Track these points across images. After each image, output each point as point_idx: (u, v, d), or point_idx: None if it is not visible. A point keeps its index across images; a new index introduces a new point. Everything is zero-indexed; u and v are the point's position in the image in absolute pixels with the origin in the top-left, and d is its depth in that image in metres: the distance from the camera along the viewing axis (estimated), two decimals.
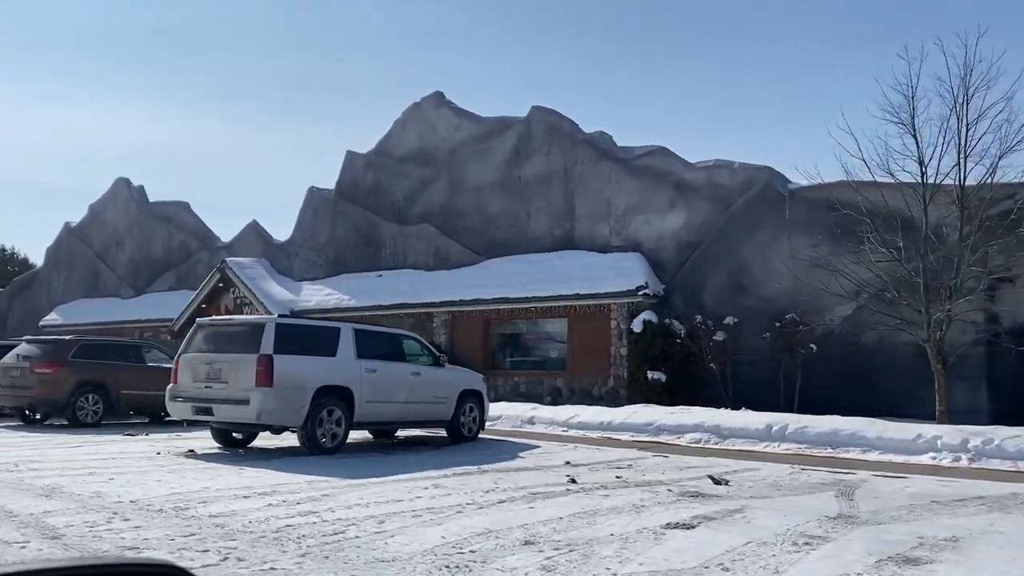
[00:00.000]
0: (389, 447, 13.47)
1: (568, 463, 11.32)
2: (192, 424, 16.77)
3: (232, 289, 28.87)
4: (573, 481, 9.34)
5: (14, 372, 16.12)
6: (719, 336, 18.25)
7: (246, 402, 10.99)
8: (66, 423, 16.17)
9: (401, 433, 14.82)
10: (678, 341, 18.76)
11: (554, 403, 20.91)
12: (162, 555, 5.35)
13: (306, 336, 11.91)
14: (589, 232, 21.77)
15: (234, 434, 12.59)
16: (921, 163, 14.60)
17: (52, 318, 37.20)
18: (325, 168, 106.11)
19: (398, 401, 12.96)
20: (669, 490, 8.88)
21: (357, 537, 6.01)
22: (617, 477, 9.91)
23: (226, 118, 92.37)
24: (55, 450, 11.64)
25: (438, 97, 25.86)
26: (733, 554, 5.80)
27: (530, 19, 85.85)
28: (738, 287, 19.08)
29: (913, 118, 14.58)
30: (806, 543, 6.20)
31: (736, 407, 16.82)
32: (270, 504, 7.33)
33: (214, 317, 12.57)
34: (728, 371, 18.16)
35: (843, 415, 14.52)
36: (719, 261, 19.44)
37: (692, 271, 19.83)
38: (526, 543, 5.93)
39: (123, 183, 37.50)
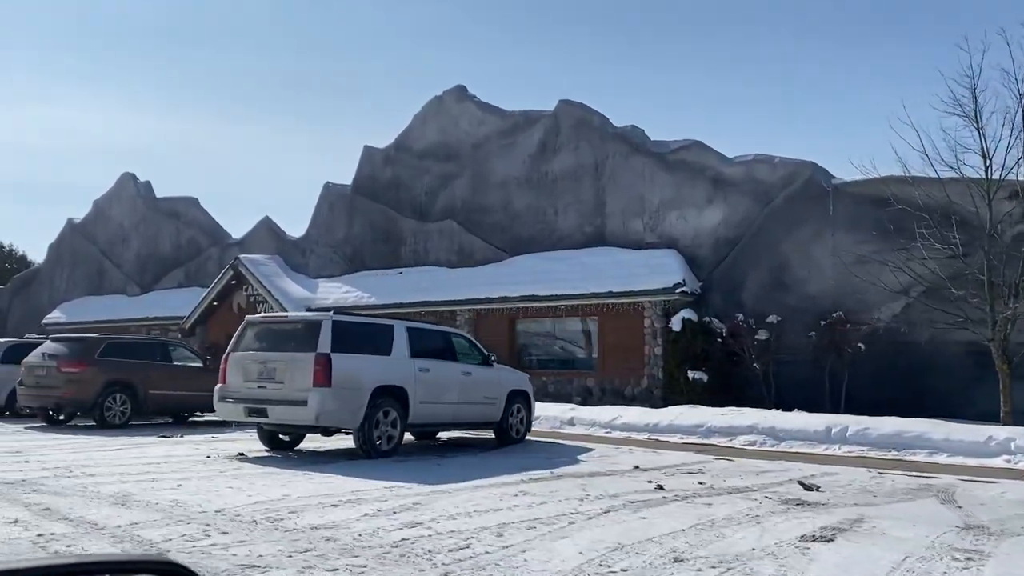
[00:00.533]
0: (437, 449, 12.95)
1: (637, 467, 10.84)
2: (222, 425, 16.23)
3: (245, 286, 28.28)
4: (661, 488, 8.85)
5: (40, 371, 15.51)
6: (761, 335, 17.78)
7: (303, 403, 10.45)
8: (93, 424, 15.58)
9: (443, 435, 14.31)
10: (718, 340, 18.27)
11: (584, 403, 20.41)
12: (289, 575, 4.84)
13: (361, 334, 11.38)
14: (621, 228, 21.28)
15: (281, 436, 12.05)
16: (985, 156, 14.16)
17: (55, 316, 36.48)
18: (337, 164, 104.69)
19: (450, 402, 12.44)
20: (767, 497, 8.41)
21: (487, 553, 5.50)
22: (700, 483, 9.42)
23: (229, 115, 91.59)
24: (98, 453, 11.07)
25: (460, 91, 25.31)
26: (902, 571, 5.32)
27: (549, 14, 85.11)
28: (779, 285, 18.62)
29: (976, 111, 14.14)
30: (968, 558, 5.73)
31: (779, 408, 16.39)
32: (366, 514, 6.81)
33: (265, 314, 12.03)
34: (770, 371, 17.70)
35: (892, 416, 14.10)
36: (759, 258, 18.98)
37: (730, 268, 19.36)
38: (675, 560, 5.43)
39: (129, 178, 36.80)
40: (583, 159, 22.16)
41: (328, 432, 11.61)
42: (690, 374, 17.87)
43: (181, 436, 13.97)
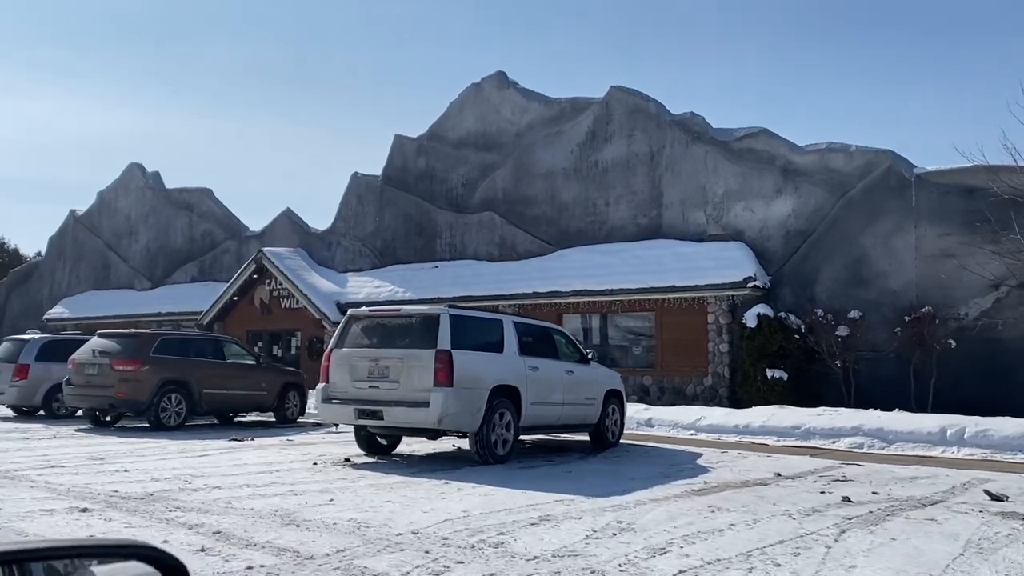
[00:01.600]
0: (537, 454, 12.01)
1: (778, 474, 9.97)
2: (267, 427, 15.25)
3: (268, 280, 27.19)
4: (848, 500, 7.99)
5: (90, 370, 14.41)
6: (842, 331, 17.00)
7: (425, 404, 9.50)
8: (145, 426, 14.52)
9: (526, 438, 13.36)
10: (796, 337, 17.46)
11: (641, 402, 19.57)
12: None
13: (475, 329, 10.43)
14: (680, 220, 20.42)
15: (379, 439, 11.09)
16: None
17: (58, 312, 35.11)
18: (364, 154, 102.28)
19: (556, 403, 11.53)
20: (973, 509, 7.58)
21: None
22: (874, 493, 8.57)
23: (237, 107, 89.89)
24: (188, 459, 10.05)
25: (501, 78, 24.35)
26: None
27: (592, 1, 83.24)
28: (856, 279, 17.84)
29: None
30: None
31: (860, 407, 15.63)
32: (588, 536, 5.89)
33: (373, 307, 11.03)
34: (851, 368, 16.93)
35: (984, 415, 13.38)
36: (833, 251, 18.20)
37: (801, 262, 18.57)
38: None
39: (136, 168, 35.46)
40: (637, 148, 21.28)
41: (434, 436, 10.69)
42: (768, 372, 17.05)
43: (252, 439, 12.94)
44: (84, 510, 6.40)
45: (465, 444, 11.96)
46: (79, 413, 16.56)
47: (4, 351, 17.53)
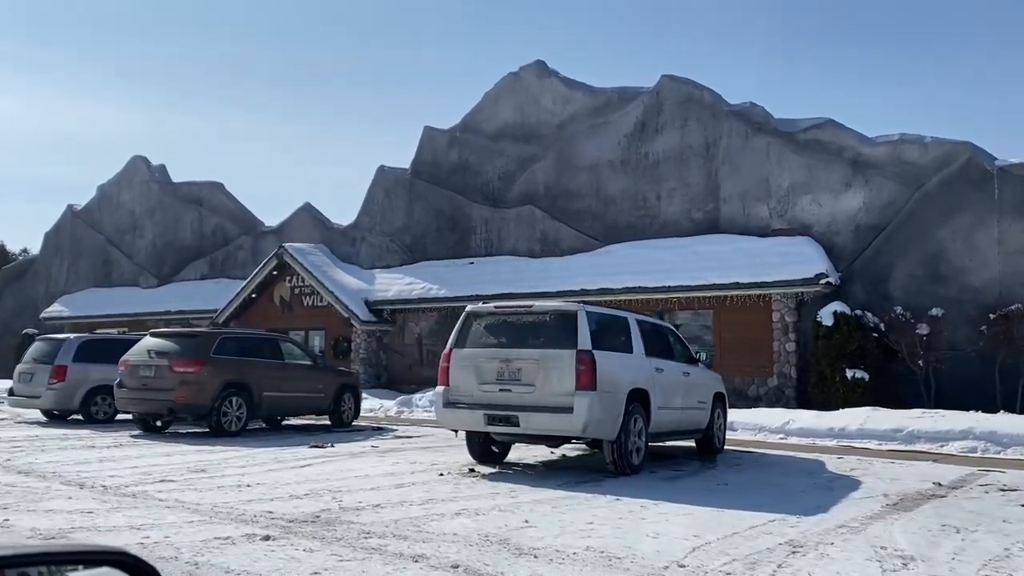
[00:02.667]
0: (650, 462, 11.12)
1: (938, 484, 9.17)
2: (319, 430, 14.30)
3: (289, 277, 26.09)
4: None
5: (145, 372, 13.31)
6: (922, 329, 16.30)
7: (568, 410, 8.58)
8: (205, 431, 13.47)
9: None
10: (874, 335, 16.72)
11: None
12: None
13: (607, 327, 9.53)
14: (740, 214, 19.64)
15: (493, 447, 10.15)
16: None
17: (56, 310, 33.72)
18: (385, 148, 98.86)
19: (677, 407, 10.67)
20: None
21: None
22: None
23: (251, 104, 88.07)
24: (304, 471, 9.04)
25: (540, 67, 23.44)
26: None
27: None
28: (934, 275, 17.14)
29: None
30: None
31: (940, 407, 14.94)
32: (884, 571, 5.02)
33: (498, 304, 10.07)
34: (932, 368, 16.23)
35: None
36: (908, 246, 17.49)
37: (874, 257, 17.85)
38: None
39: (140, 162, 34.15)
40: (691, 139, 20.48)
41: (557, 444, 9.79)
42: (848, 372, 16.29)
43: (332, 445, 11.94)
44: (267, 538, 5.43)
45: (561, 451, 11.13)
46: (119, 417, 15.46)
47: (38, 351, 16.33)
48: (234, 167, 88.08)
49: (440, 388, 9.42)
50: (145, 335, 14.55)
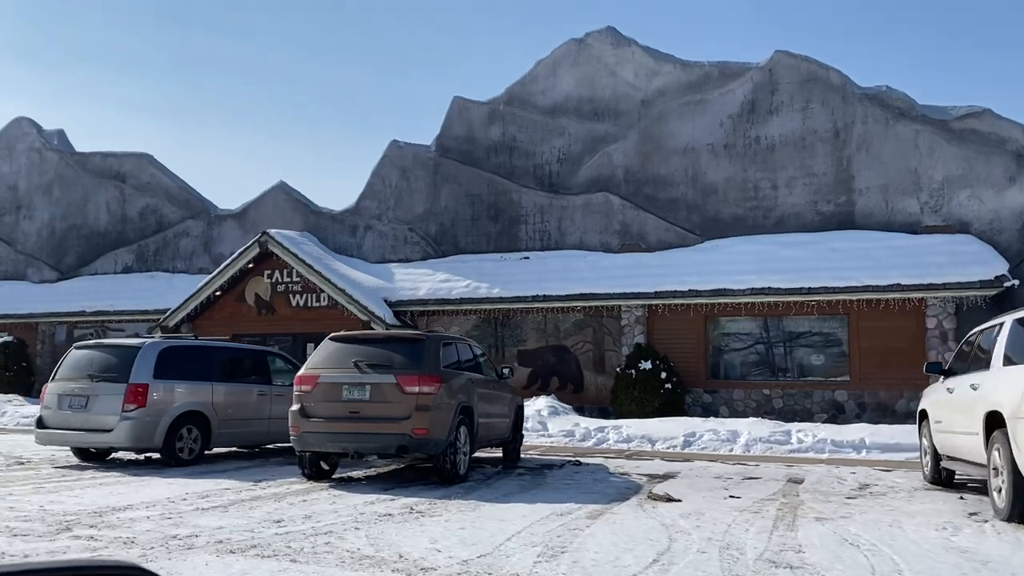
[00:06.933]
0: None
1: None
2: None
3: (269, 271, 21.29)
4: None
5: (356, 393, 8.88)
6: None
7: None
8: (351, 476, 9.38)
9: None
10: None
11: (832, 421, 16.65)
12: None
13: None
14: (882, 208, 17.66)
15: None
16: None
17: None
18: (388, 123, 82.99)
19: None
20: None
21: None
22: None
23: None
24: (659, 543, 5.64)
25: (614, 34, 20.41)
26: None
27: None
28: None
29: None
30: None
31: None
32: None
33: None
34: None
35: None
36: None
37: None
38: None
39: (26, 123, 27.39)
40: (815, 123, 18.31)
41: None
42: None
43: (667, 497, 8.38)
44: None
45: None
46: (214, 451, 10.81)
47: (93, 363, 11.09)
48: (171, 139, 76.05)
49: None
50: (324, 338, 10.06)
